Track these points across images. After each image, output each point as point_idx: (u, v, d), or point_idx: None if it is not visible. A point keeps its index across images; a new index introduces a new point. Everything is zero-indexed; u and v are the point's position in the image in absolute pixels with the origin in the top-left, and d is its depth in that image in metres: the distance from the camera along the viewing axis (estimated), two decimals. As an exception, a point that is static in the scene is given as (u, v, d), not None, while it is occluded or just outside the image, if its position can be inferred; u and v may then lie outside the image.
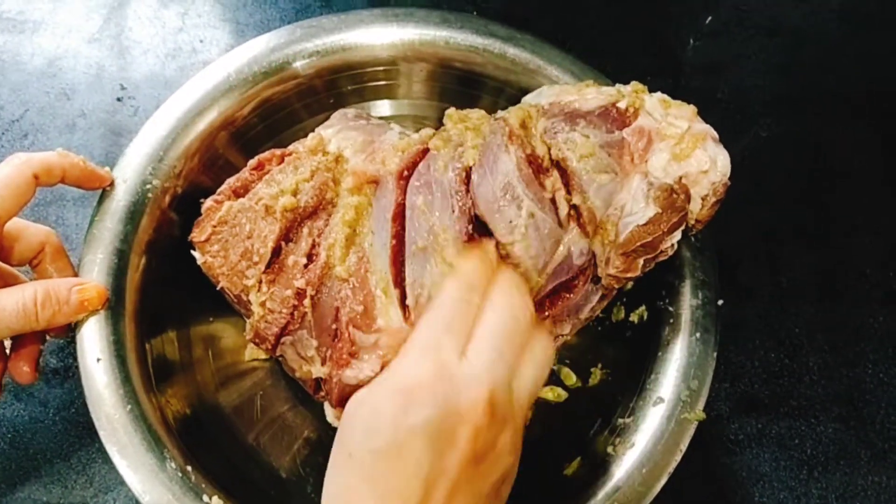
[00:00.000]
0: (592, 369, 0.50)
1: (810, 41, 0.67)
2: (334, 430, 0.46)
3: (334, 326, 0.43)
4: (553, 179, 0.43)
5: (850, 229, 0.60)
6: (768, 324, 0.57)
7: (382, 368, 0.43)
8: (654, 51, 0.66)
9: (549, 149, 0.43)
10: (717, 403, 0.54)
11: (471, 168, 0.42)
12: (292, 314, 0.44)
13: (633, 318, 0.50)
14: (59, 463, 0.50)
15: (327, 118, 0.50)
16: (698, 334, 0.46)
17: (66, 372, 0.52)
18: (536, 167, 0.43)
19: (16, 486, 0.49)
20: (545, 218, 0.42)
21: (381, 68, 0.54)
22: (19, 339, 0.44)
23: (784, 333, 0.56)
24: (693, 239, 0.47)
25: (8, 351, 0.45)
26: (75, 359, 0.52)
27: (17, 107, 0.60)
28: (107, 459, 0.50)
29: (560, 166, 0.43)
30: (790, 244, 0.59)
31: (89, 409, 0.42)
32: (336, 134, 0.47)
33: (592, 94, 0.44)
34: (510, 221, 0.41)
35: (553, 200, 0.43)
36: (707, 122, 0.43)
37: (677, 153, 0.42)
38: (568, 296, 0.45)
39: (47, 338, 0.46)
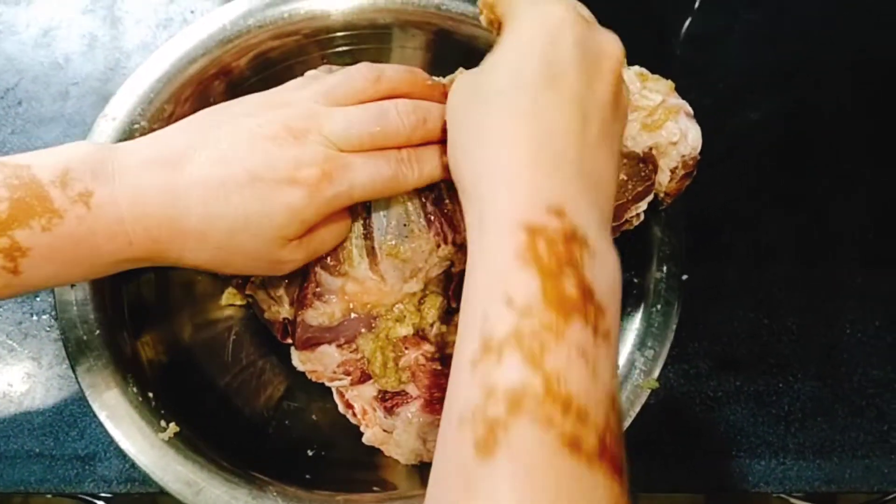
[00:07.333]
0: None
1: (792, 11, 0.68)
2: (303, 378, 0.48)
3: (303, 266, 0.44)
4: None
5: (830, 194, 0.61)
6: (748, 284, 0.57)
7: (345, 314, 0.45)
8: (644, 21, 0.67)
9: None
10: (696, 361, 0.55)
11: None
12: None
13: (600, 289, 0.50)
14: (52, 416, 0.52)
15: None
16: (659, 306, 0.46)
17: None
18: None
19: (9, 438, 0.51)
20: None
21: (374, 31, 0.55)
22: None
23: (763, 293, 0.57)
24: (663, 213, 0.48)
25: None
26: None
27: (12, 75, 0.62)
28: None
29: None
30: (771, 207, 0.60)
31: (58, 324, 0.44)
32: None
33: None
34: None
35: None
36: (693, 91, 0.44)
37: (648, 124, 0.43)
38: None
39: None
